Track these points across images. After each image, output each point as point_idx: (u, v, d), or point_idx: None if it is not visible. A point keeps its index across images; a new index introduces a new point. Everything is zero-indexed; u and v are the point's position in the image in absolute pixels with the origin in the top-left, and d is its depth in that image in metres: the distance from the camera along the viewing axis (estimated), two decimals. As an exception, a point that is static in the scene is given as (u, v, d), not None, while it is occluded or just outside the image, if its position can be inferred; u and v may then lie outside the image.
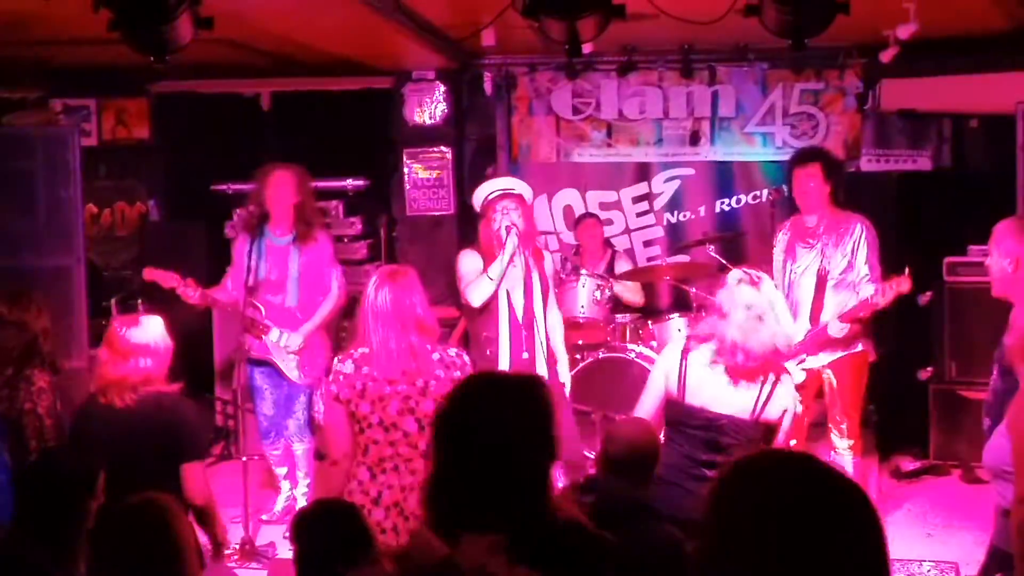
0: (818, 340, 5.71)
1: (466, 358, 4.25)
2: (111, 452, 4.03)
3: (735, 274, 4.39)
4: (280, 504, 6.50)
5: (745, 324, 4.23)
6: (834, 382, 5.84)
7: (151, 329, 4.44)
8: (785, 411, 4.34)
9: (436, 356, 4.12)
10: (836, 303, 5.73)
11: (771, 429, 4.32)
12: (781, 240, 6.05)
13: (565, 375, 5.94)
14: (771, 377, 4.30)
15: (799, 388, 5.63)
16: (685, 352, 4.39)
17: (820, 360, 5.81)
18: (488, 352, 5.60)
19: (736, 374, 4.29)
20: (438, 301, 8.67)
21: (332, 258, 6.38)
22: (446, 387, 3.94)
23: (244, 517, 5.88)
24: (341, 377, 4.12)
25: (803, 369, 5.67)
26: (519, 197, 5.67)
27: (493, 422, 2.39)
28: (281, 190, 6.15)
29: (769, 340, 4.24)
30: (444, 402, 2.54)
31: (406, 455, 4.05)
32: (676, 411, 4.32)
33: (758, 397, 4.27)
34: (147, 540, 3.16)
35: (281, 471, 6.50)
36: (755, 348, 4.22)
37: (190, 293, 5.90)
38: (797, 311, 5.74)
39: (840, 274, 5.77)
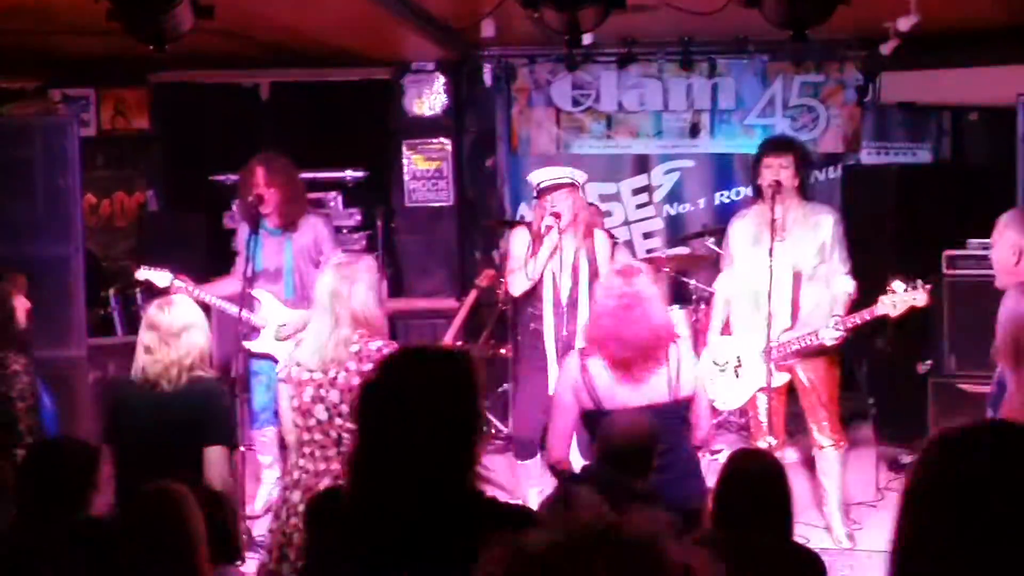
0: (811, 349, 5.58)
1: (387, 352, 4.15)
2: (154, 438, 4.19)
3: (614, 265, 4.44)
4: (260, 501, 6.24)
5: (617, 314, 4.29)
6: (803, 377, 5.68)
7: (187, 304, 4.49)
8: (696, 377, 4.46)
9: (355, 348, 4.09)
10: (812, 298, 5.60)
11: (690, 401, 4.42)
12: (743, 228, 5.77)
13: None
14: (671, 353, 4.36)
15: (774, 391, 5.58)
16: (583, 365, 4.41)
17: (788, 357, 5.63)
18: (532, 327, 5.80)
19: (618, 367, 4.31)
20: (436, 292, 8.69)
21: (330, 242, 6.31)
22: (354, 380, 3.97)
23: (241, 507, 5.85)
24: (285, 359, 4.27)
25: (777, 365, 5.55)
26: (570, 186, 5.76)
27: (412, 395, 2.40)
28: (255, 184, 6.11)
29: (644, 329, 4.29)
30: (370, 373, 2.58)
31: (320, 441, 4.07)
32: (598, 422, 4.23)
33: (668, 376, 4.32)
34: (159, 528, 3.18)
35: (266, 460, 6.34)
36: (630, 338, 4.27)
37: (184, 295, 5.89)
38: (769, 305, 5.44)
39: (812, 269, 5.63)
